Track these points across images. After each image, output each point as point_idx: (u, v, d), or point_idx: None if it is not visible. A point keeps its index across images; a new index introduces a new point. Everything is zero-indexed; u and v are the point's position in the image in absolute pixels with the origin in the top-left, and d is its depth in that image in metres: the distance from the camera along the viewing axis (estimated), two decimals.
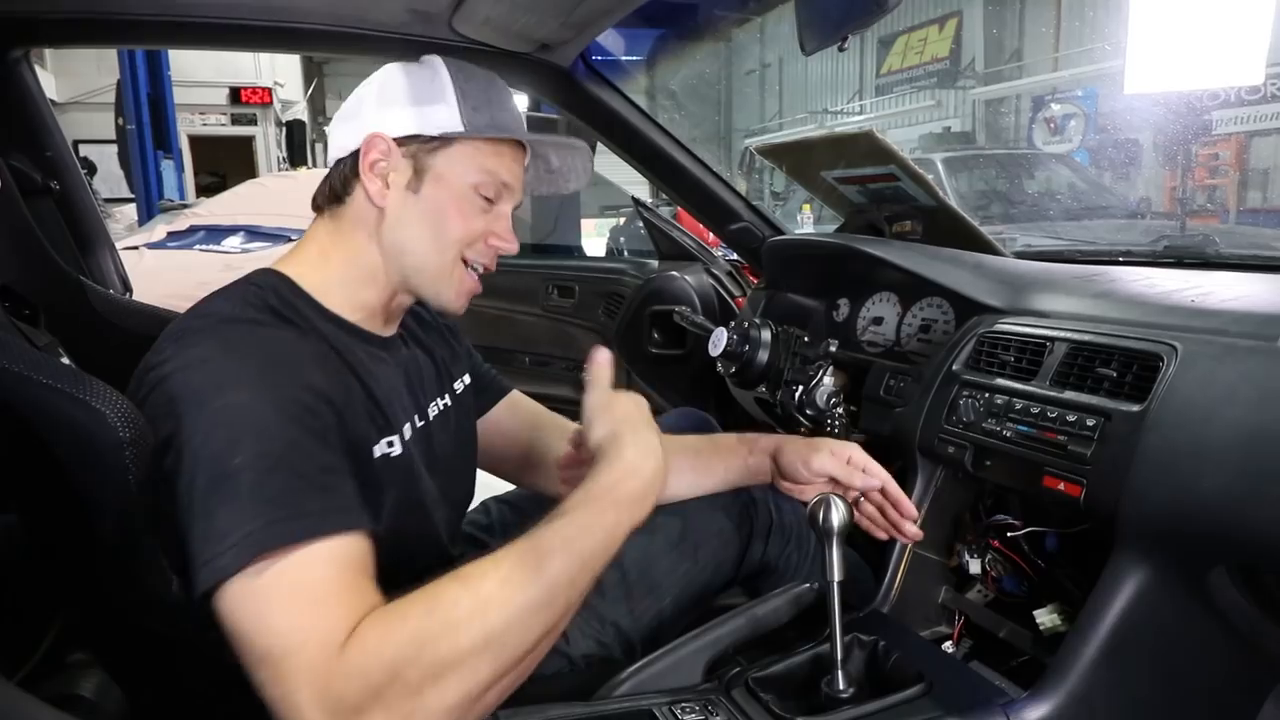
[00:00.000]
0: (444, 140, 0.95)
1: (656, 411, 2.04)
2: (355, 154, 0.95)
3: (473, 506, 1.36)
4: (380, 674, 0.69)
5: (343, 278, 0.97)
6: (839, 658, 0.92)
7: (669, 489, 1.16)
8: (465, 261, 0.99)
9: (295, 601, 0.71)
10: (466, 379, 1.18)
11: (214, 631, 0.73)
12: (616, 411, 0.90)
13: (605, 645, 1.11)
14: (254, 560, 0.71)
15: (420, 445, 1.01)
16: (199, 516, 0.74)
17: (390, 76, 0.98)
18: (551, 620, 0.76)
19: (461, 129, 0.94)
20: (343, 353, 0.92)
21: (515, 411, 1.26)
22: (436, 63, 0.98)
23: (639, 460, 0.85)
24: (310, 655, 0.69)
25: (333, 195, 0.98)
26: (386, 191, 0.95)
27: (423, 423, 1.03)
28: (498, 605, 0.72)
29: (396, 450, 0.94)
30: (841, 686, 0.91)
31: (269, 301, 0.90)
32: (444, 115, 0.95)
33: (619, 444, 0.86)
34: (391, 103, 0.96)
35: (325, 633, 0.70)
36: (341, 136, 0.97)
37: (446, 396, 1.11)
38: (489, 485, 1.47)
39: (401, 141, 0.95)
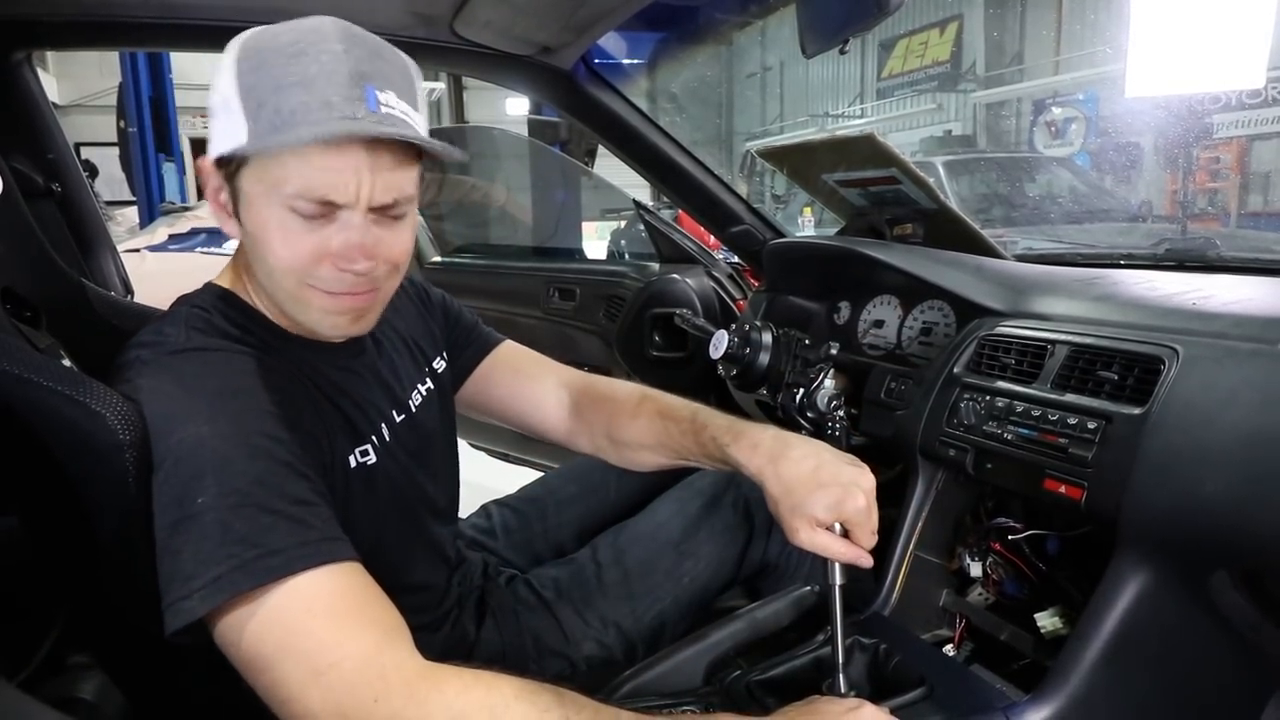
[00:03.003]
0: (240, 158, 0.79)
1: None
2: None
3: (473, 510, 1.36)
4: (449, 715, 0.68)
5: (265, 300, 0.89)
6: (840, 661, 0.91)
7: (640, 461, 1.12)
8: (322, 289, 0.83)
9: (301, 631, 0.70)
10: (443, 359, 1.13)
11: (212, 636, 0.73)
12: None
13: (606, 646, 1.11)
14: (230, 602, 0.70)
15: (404, 439, 0.99)
16: (165, 555, 0.72)
17: (217, 69, 0.80)
18: None
19: (244, 140, 0.76)
20: (301, 368, 0.88)
21: (499, 368, 1.18)
22: (230, 48, 0.79)
23: None
24: (357, 672, 0.68)
25: None
26: (230, 220, 0.84)
27: (403, 416, 1.00)
28: None
29: (371, 459, 0.91)
30: (843, 690, 0.91)
31: (216, 324, 0.85)
32: (234, 126, 0.77)
33: None
34: (211, 113, 0.80)
35: (359, 650, 0.69)
36: None
37: (427, 379, 1.07)
38: (489, 489, 1.47)
39: (219, 164, 0.81)
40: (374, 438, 0.93)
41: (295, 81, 0.75)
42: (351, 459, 0.89)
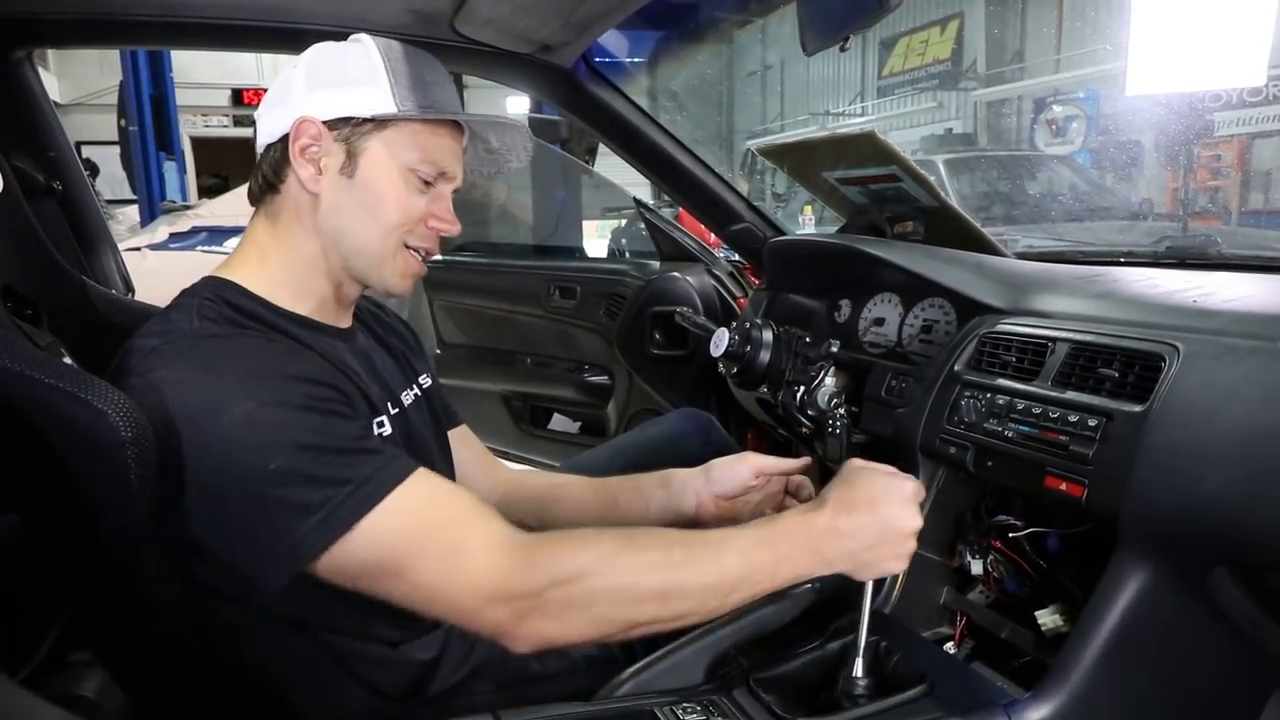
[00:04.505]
0: (377, 123, 0.92)
1: (657, 412, 2.03)
2: (285, 139, 0.93)
3: None
4: (566, 573, 0.81)
5: (286, 273, 0.95)
6: (861, 645, 0.94)
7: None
8: (407, 245, 0.97)
9: (418, 535, 0.80)
10: (430, 376, 1.17)
11: (214, 634, 0.74)
12: (899, 488, 0.93)
13: (606, 645, 1.11)
14: (339, 540, 0.76)
15: (401, 430, 1.01)
16: (249, 527, 0.77)
17: (319, 58, 0.95)
18: (713, 605, 0.86)
19: (394, 110, 0.92)
20: (310, 347, 0.91)
21: (463, 443, 1.23)
22: (367, 42, 0.95)
23: (859, 532, 0.90)
24: (477, 564, 0.80)
25: (265, 184, 0.96)
26: (319, 177, 0.92)
27: (397, 410, 1.03)
28: (680, 568, 0.84)
29: (388, 429, 0.95)
30: (860, 678, 0.94)
31: (223, 313, 0.88)
32: (376, 97, 0.92)
33: (866, 509, 0.91)
34: (321, 85, 0.93)
35: (476, 538, 0.81)
36: (270, 123, 0.94)
37: (414, 388, 1.11)
38: None
39: (332, 125, 0.92)
40: (385, 412, 0.97)
41: (429, 81, 0.96)
42: (373, 427, 0.93)
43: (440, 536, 0.81)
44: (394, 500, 0.79)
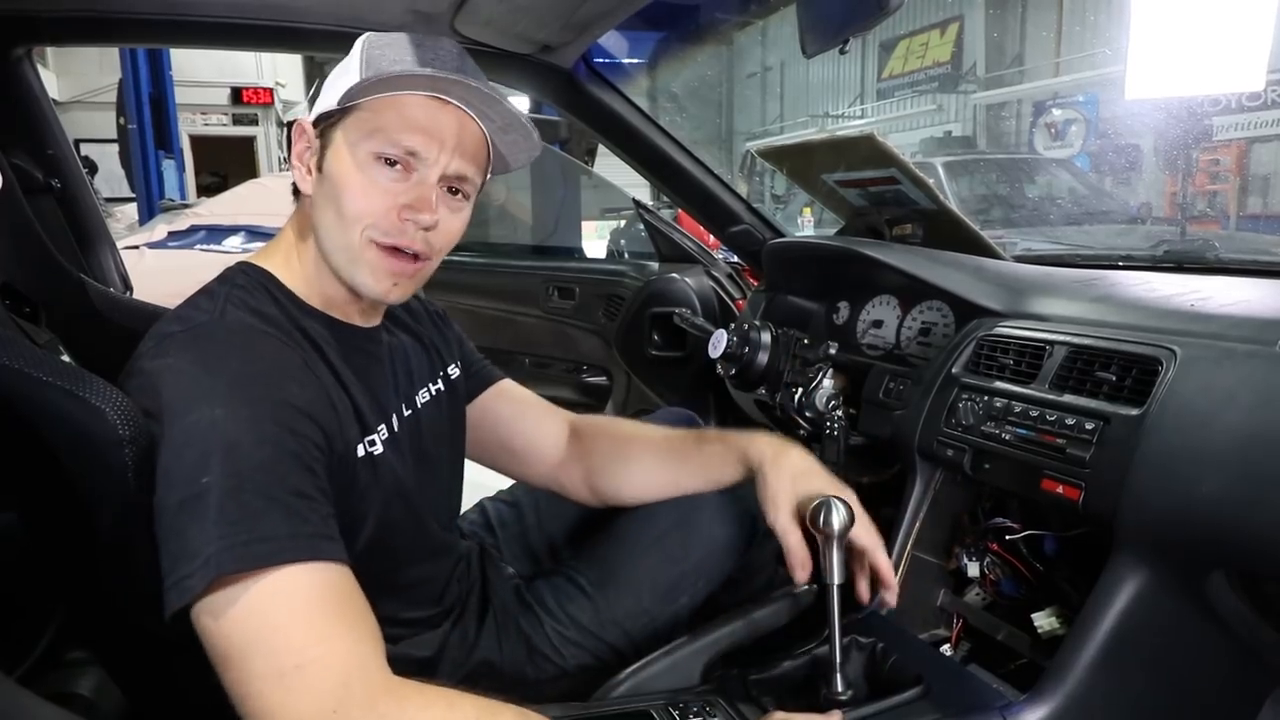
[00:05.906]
0: (343, 111, 0.89)
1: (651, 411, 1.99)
2: None
3: (468, 507, 1.36)
4: None
5: (306, 272, 0.95)
6: (838, 660, 0.92)
7: (641, 491, 1.17)
8: (375, 242, 0.89)
9: (275, 626, 0.70)
10: (458, 366, 1.16)
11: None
12: None
13: (600, 653, 1.11)
14: (215, 583, 0.69)
15: (407, 435, 1.00)
16: (171, 534, 0.72)
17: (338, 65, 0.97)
18: None
19: (355, 81, 0.88)
20: (325, 350, 0.90)
21: (502, 399, 1.22)
22: (360, 38, 0.94)
23: None
24: (284, 700, 0.68)
25: (295, 191, 0.97)
26: (308, 178, 0.92)
27: (409, 412, 1.02)
28: None
29: (378, 449, 0.93)
30: (840, 689, 0.91)
31: (250, 303, 0.87)
32: (348, 81, 0.89)
33: None
34: (323, 91, 0.94)
35: (327, 655, 0.69)
36: None
37: (439, 382, 1.10)
38: (483, 485, 1.46)
39: (316, 123, 0.92)
40: (382, 427, 0.95)
41: (413, 59, 0.90)
42: (360, 448, 0.90)
43: (278, 643, 0.69)
44: (276, 576, 0.70)
